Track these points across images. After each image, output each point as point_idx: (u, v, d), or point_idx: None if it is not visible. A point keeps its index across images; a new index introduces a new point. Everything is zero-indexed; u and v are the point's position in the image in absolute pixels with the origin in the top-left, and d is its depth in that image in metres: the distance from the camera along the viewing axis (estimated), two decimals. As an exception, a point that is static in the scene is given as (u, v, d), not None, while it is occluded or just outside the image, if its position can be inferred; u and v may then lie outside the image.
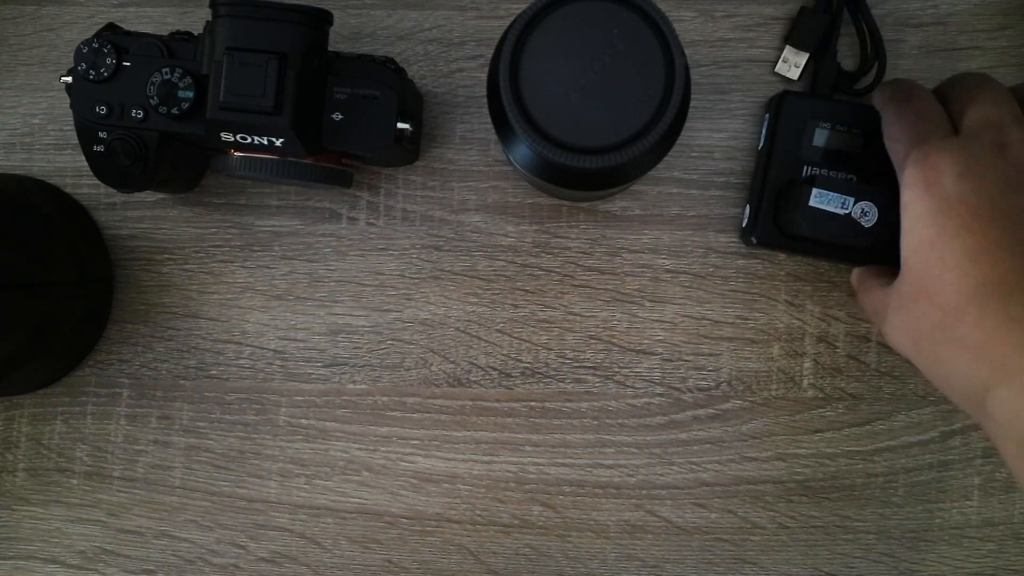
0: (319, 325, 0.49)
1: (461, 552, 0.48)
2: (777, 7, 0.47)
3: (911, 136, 0.38)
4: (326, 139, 0.41)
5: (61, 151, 0.49)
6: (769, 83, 0.47)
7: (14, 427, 0.49)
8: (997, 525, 0.47)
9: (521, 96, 0.34)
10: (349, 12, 0.48)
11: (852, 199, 0.41)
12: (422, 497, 0.48)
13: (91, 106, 0.41)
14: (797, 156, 0.44)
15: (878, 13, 0.47)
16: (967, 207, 0.34)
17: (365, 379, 0.49)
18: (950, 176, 0.35)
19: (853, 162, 0.44)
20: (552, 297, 0.48)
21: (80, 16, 0.49)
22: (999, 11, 0.47)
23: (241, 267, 0.49)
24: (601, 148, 0.34)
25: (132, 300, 0.49)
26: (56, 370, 0.48)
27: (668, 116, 0.34)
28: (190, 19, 0.49)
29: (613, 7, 0.34)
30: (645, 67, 0.34)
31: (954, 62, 0.47)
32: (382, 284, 0.48)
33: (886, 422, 0.48)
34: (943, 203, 0.35)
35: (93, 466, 0.49)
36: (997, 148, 0.35)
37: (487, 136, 0.48)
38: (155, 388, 0.49)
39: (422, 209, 0.48)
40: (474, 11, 0.48)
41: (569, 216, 0.48)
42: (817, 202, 0.41)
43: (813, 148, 0.44)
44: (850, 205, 0.41)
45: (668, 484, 0.48)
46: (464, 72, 0.48)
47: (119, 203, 0.49)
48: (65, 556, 0.49)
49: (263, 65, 0.38)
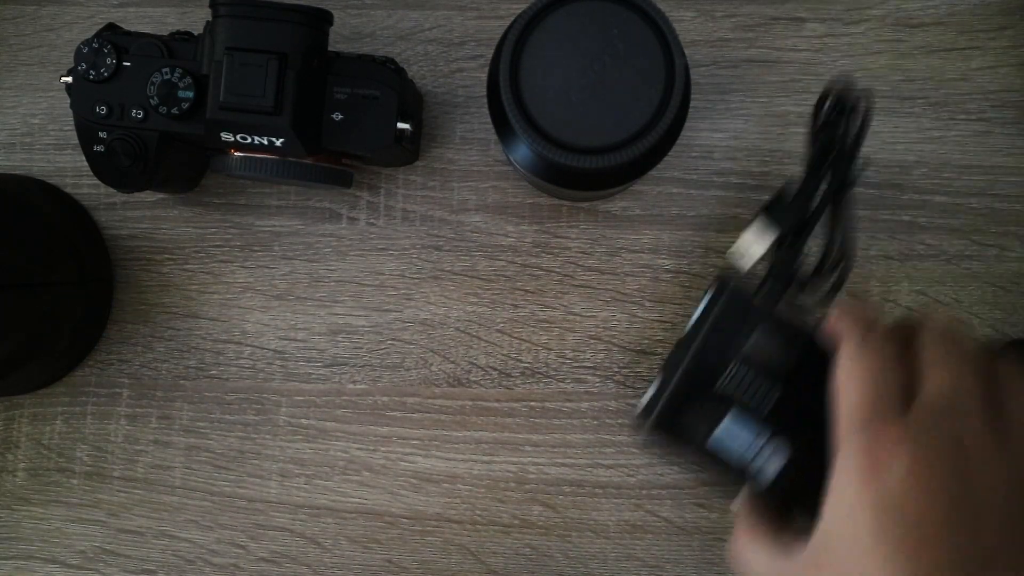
0: (319, 325, 0.49)
1: (461, 552, 0.48)
2: (777, 7, 0.47)
3: (859, 401, 0.31)
4: (326, 139, 0.41)
5: (61, 151, 0.49)
6: (769, 83, 0.47)
7: (14, 427, 0.49)
8: (997, 525, 0.47)
9: (521, 96, 0.34)
10: (349, 12, 0.48)
11: (765, 436, 0.36)
12: (422, 497, 0.48)
13: (91, 106, 0.41)
14: (724, 356, 0.37)
15: (878, 13, 0.47)
16: (912, 514, 0.29)
17: (365, 379, 0.49)
18: (896, 473, 0.29)
19: (781, 382, 0.37)
20: (552, 297, 0.48)
21: (80, 16, 0.49)
22: (999, 11, 0.47)
23: (241, 267, 0.49)
24: (601, 148, 0.34)
25: (132, 300, 0.49)
26: (56, 370, 0.48)
27: (668, 116, 0.34)
28: (190, 19, 0.49)
29: (613, 7, 0.34)
30: (645, 67, 0.34)
31: (954, 62, 0.47)
32: (382, 284, 0.48)
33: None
34: (884, 501, 0.29)
35: (93, 466, 0.49)
36: (953, 445, 0.30)
37: (487, 136, 0.48)
38: (155, 388, 0.49)
39: (422, 209, 0.48)
40: (474, 11, 0.48)
41: (569, 216, 0.48)
42: (725, 432, 0.36)
43: (742, 354, 0.37)
44: (761, 442, 0.36)
45: (668, 484, 0.48)
46: (464, 72, 0.48)
47: (119, 203, 0.49)
48: (65, 556, 0.49)
49: (263, 65, 0.38)
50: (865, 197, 0.47)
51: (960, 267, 0.47)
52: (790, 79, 0.47)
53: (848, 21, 0.47)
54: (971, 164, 0.47)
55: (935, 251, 0.47)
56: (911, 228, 0.47)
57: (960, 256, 0.47)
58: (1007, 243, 0.47)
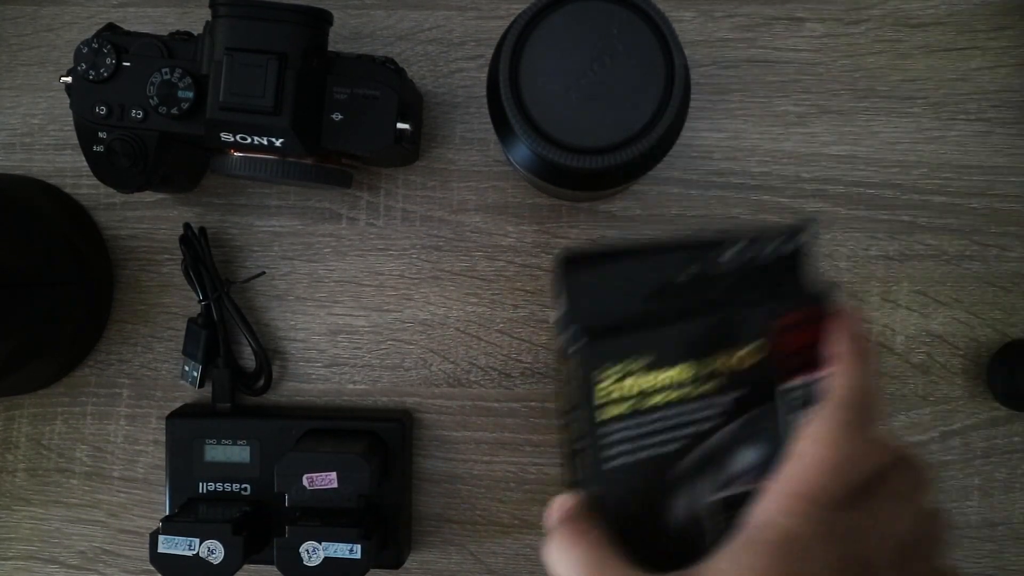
0: (319, 325, 0.49)
1: (461, 552, 0.48)
2: (777, 7, 0.47)
3: (816, 482, 0.28)
4: (326, 139, 0.41)
5: (61, 151, 0.49)
6: (769, 83, 0.47)
7: (14, 427, 0.49)
8: (997, 525, 0.47)
9: (521, 96, 0.34)
10: (349, 12, 0.48)
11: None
12: (422, 497, 0.48)
13: (91, 106, 0.41)
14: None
15: (878, 13, 0.47)
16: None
17: (365, 379, 0.48)
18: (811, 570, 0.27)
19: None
20: (552, 297, 0.48)
21: (80, 16, 0.49)
22: (999, 11, 0.47)
23: (241, 267, 0.49)
24: (600, 148, 0.34)
25: (132, 300, 0.49)
26: (56, 370, 0.48)
27: (668, 116, 0.34)
28: (190, 19, 0.49)
29: (613, 7, 0.34)
30: (645, 67, 0.34)
31: (954, 62, 0.47)
32: (382, 284, 0.48)
33: (886, 422, 0.48)
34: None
35: (93, 466, 0.49)
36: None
37: (487, 136, 0.48)
38: (155, 388, 0.49)
39: (422, 209, 0.48)
40: (474, 11, 0.48)
41: (569, 216, 0.48)
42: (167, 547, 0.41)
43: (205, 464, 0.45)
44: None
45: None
46: (464, 72, 0.48)
47: (119, 203, 0.49)
48: (65, 556, 0.49)
49: (263, 65, 0.38)
50: (865, 197, 0.47)
51: (960, 267, 0.47)
52: (790, 79, 0.47)
53: (848, 21, 0.47)
54: (971, 164, 0.47)
55: (935, 251, 0.47)
56: (911, 228, 0.47)
57: (960, 256, 0.47)
58: (1007, 243, 0.47)
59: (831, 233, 0.47)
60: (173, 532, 0.41)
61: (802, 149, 0.47)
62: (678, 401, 0.34)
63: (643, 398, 0.33)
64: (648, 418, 0.34)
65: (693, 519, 0.33)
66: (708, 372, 0.33)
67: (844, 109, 0.47)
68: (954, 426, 0.47)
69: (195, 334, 0.47)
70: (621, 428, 0.33)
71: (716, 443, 0.34)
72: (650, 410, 0.34)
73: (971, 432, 0.47)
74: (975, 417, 0.47)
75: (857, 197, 0.47)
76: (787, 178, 0.47)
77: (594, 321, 0.33)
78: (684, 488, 0.33)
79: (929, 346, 0.48)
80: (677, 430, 0.34)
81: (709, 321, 0.34)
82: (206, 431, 0.46)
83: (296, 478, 0.41)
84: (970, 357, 0.48)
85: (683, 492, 0.33)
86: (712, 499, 0.33)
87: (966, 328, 0.47)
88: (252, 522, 0.43)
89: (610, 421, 0.33)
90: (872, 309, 0.48)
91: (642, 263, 0.34)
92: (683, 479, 0.34)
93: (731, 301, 0.34)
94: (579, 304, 0.34)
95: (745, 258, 0.34)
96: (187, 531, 0.41)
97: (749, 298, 0.34)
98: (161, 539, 0.41)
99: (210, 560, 0.40)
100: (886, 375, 0.47)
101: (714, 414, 0.34)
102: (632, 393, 0.33)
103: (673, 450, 0.34)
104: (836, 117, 0.47)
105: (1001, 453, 0.47)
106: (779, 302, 0.34)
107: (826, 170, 0.47)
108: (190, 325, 0.48)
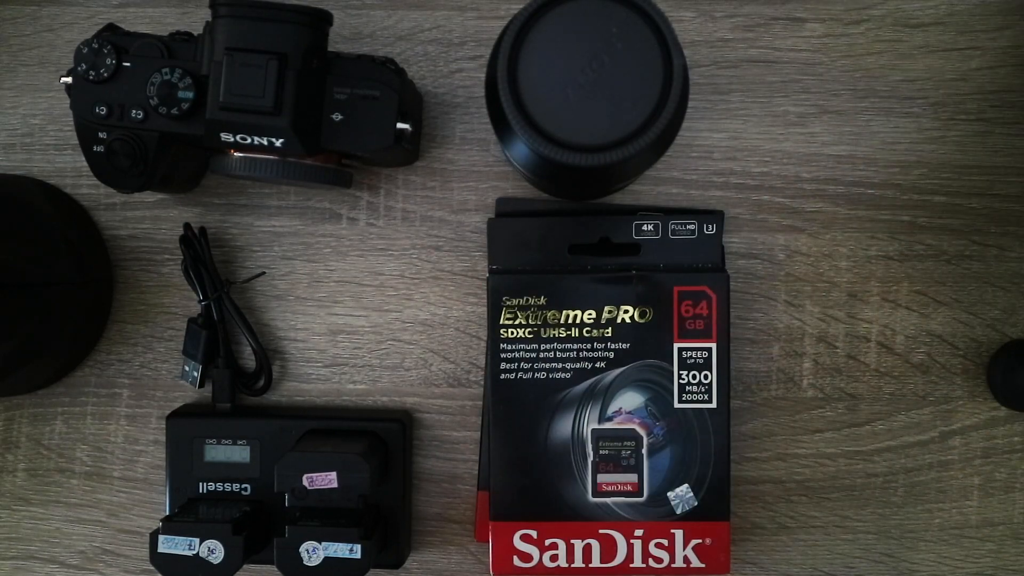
0: (319, 325, 0.49)
1: (461, 552, 0.48)
2: (777, 7, 0.47)
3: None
4: (326, 139, 0.41)
5: (61, 151, 0.49)
6: (769, 83, 0.47)
7: (14, 427, 0.49)
8: (997, 525, 0.47)
9: (519, 94, 0.34)
10: (349, 12, 0.48)
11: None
12: (423, 497, 0.48)
13: (91, 106, 0.41)
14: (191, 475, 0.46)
15: (878, 13, 0.47)
16: None
17: (365, 379, 0.49)
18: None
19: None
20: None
21: (80, 16, 0.49)
22: (999, 11, 0.47)
23: (241, 267, 0.49)
24: (599, 146, 0.34)
25: (132, 300, 0.49)
26: (56, 370, 0.48)
27: (666, 115, 0.34)
28: (190, 19, 0.49)
29: (612, 6, 0.34)
30: (643, 66, 0.34)
31: (954, 62, 0.47)
32: (382, 284, 0.48)
33: (886, 422, 0.48)
34: None
35: (93, 466, 0.49)
36: None
37: (487, 136, 0.48)
38: (155, 388, 0.49)
39: (422, 209, 0.48)
40: (474, 11, 0.48)
41: (569, 216, 0.48)
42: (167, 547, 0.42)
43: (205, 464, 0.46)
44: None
45: (668, 484, 0.48)
46: (464, 72, 0.48)
47: (119, 203, 0.49)
48: (65, 556, 0.49)
49: (263, 65, 0.38)
50: (865, 197, 0.47)
51: (960, 267, 0.47)
52: (790, 79, 0.47)
53: (848, 21, 0.47)
54: (971, 164, 0.47)
55: (935, 251, 0.47)
56: (911, 228, 0.47)
57: (960, 256, 0.47)
58: (1007, 243, 0.47)
59: (831, 233, 0.47)
60: (173, 532, 0.41)
61: (802, 149, 0.47)
62: (575, 338, 0.43)
63: (543, 329, 0.44)
64: (545, 347, 0.43)
65: (575, 441, 0.43)
66: (606, 320, 0.43)
67: (844, 109, 0.47)
68: (954, 426, 0.47)
69: (195, 334, 0.47)
70: (518, 349, 0.44)
71: (605, 381, 0.43)
72: (547, 339, 0.43)
73: (971, 432, 0.47)
74: (975, 417, 0.48)
75: (857, 197, 0.47)
76: (787, 178, 0.47)
77: (506, 263, 0.45)
78: (569, 413, 0.43)
79: (929, 346, 0.48)
80: (570, 363, 0.43)
81: (615, 277, 0.43)
82: (206, 431, 0.46)
83: (296, 478, 0.41)
84: (970, 357, 0.48)
85: (568, 416, 0.43)
86: (594, 427, 0.43)
87: (966, 328, 0.47)
88: (252, 522, 0.43)
89: (510, 340, 0.44)
90: (872, 309, 0.48)
91: (560, 223, 0.45)
92: (570, 405, 0.43)
93: (638, 265, 0.44)
94: (497, 249, 0.45)
95: (657, 232, 0.44)
96: (187, 531, 0.41)
97: (653, 265, 0.44)
98: (161, 539, 0.41)
99: (210, 560, 0.40)
100: (886, 375, 0.48)
101: (607, 356, 0.43)
102: (533, 323, 0.44)
103: (564, 378, 0.43)
104: (836, 117, 0.47)
105: (1001, 453, 0.47)
106: (681, 274, 0.43)
107: (826, 170, 0.47)
108: (190, 325, 0.48)
